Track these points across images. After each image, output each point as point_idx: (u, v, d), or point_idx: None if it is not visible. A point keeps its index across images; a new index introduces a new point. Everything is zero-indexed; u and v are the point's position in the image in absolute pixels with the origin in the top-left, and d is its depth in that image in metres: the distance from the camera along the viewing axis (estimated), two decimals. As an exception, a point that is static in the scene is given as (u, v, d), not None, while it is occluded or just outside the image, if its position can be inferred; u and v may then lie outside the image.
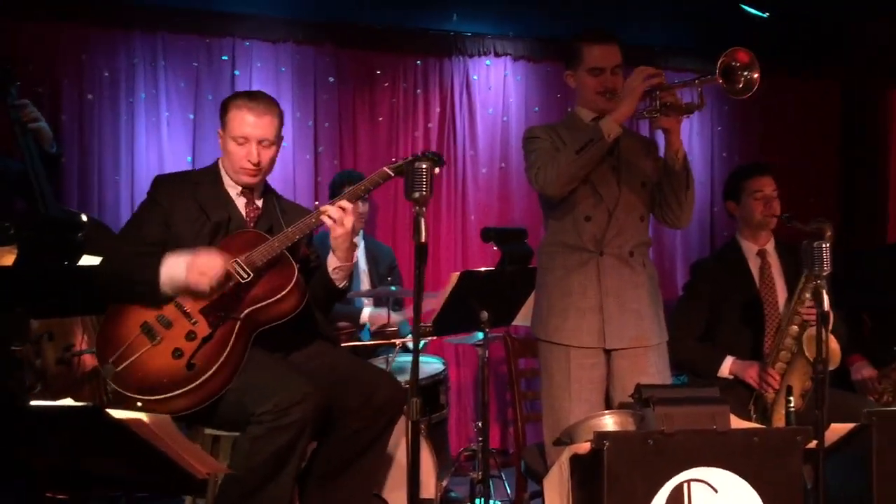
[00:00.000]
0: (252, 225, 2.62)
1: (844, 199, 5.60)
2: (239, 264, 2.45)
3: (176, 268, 2.41)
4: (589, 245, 2.74)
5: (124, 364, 2.38)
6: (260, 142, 2.56)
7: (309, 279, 2.61)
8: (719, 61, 2.42)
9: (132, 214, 2.64)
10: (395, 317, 3.90)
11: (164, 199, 2.56)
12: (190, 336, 2.42)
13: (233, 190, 2.64)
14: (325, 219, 2.49)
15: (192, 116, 4.46)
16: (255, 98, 2.62)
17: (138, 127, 4.36)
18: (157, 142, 4.40)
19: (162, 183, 2.62)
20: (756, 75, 2.44)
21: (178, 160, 4.37)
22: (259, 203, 2.68)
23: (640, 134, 2.85)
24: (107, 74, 4.31)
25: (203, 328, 2.42)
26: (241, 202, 2.64)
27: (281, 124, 2.65)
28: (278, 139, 2.64)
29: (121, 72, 4.33)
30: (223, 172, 2.65)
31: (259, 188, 2.69)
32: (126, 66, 4.34)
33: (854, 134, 5.56)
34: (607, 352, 2.75)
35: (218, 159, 2.69)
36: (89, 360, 3.16)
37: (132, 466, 1.86)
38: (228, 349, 2.40)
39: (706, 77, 2.49)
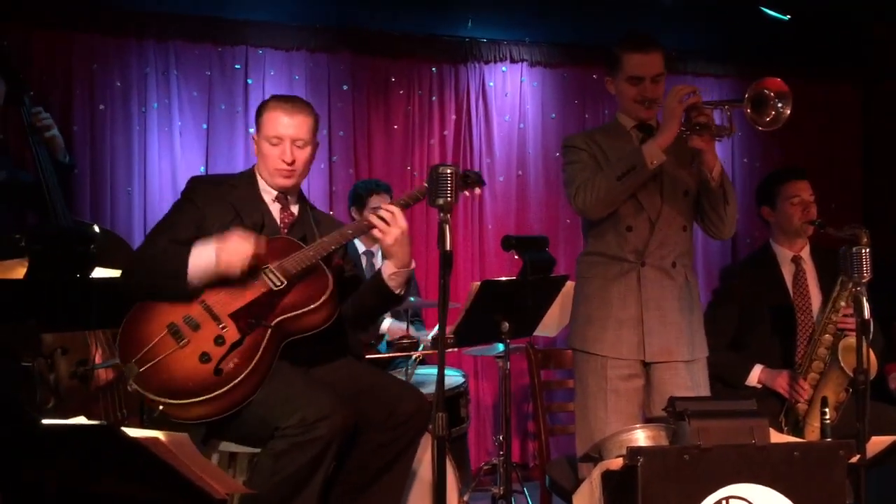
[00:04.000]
0: (286, 231, 2.58)
1: (865, 204, 5.51)
2: (272, 271, 2.41)
3: (204, 253, 2.35)
4: (630, 256, 2.69)
5: (148, 365, 2.30)
6: (293, 141, 2.55)
7: (343, 290, 2.55)
8: (751, 86, 2.36)
9: (165, 214, 2.59)
10: (416, 333, 3.82)
11: (199, 200, 2.51)
12: (219, 341, 2.34)
13: (268, 195, 2.61)
14: (374, 220, 2.43)
15: (205, 126, 4.41)
16: (288, 99, 2.64)
17: (150, 137, 4.31)
18: (170, 152, 4.35)
19: (198, 184, 2.59)
20: (788, 112, 2.37)
21: (191, 170, 4.31)
22: (294, 210, 2.65)
23: (683, 141, 2.77)
24: (119, 84, 4.27)
25: (233, 333, 2.35)
26: (275, 208, 2.61)
27: (316, 127, 2.64)
28: (313, 141, 2.62)
29: (132, 81, 4.29)
30: (259, 178, 2.63)
31: (294, 194, 2.66)
32: (138, 76, 4.30)
33: (876, 139, 5.47)
34: (645, 364, 2.68)
35: (254, 166, 2.67)
36: (103, 375, 3.09)
37: (147, 487, 1.78)
38: (258, 357, 2.33)
39: (735, 101, 2.43)
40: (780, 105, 2.38)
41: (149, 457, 1.65)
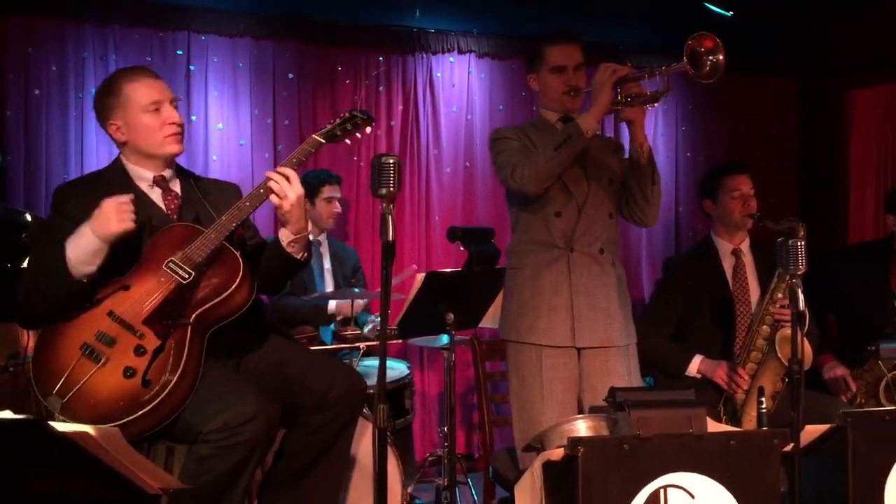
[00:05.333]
0: (175, 217, 2.44)
1: (804, 199, 5.65)
2: (176, 264, 2.28)
3: (79, 237, 2.20)
4: (559, 242, 2.74)
5: (71, 393, 2.18)
6: (171, 101, 2.44)
7: (251, 262, 2.43)
8: (686, 45, 2.44)
9: (38, 234, 2.46)
10: (360, 303, 3.80)
11: (74, 211, 2.33)
12: (139, 350, 2.23)
13: (144, 183, 2.45)
14: (273, 185, 2.32)
15: (145, 113, 4.30)
16: (140, 67, 2.54)
17: (88, 123, 4.18)
18: (108, 139, 4.17)
19: (67, 195, 2.40)
20: (721, 58, 2.47)
21: (130, 158, 4.20)
22: (176, 188, 2.50)
23: (604, 135, 2.86)
24: (55, 69, 4.13)
25: (152, 340, 2.24)
26: (156, 194, 2.46)
27: None
28: None
29: (69, 66, 4.15)
30: (129, 167, 2.46)
31: (171, 168, 2.50)
32: (75, 60, 4.16)
33: (814, 134, 5.60)
34: (578, 351, 2.71)
35: (118, 157, 2.50)
36: (35, 367, 3.01)
37: (79, 482, 1.73)
38: (185, 357, 2.23)
39: (673, 64, 2.51)
40: (712, 58, 2.47)
41: (79, 452, 1.60)
